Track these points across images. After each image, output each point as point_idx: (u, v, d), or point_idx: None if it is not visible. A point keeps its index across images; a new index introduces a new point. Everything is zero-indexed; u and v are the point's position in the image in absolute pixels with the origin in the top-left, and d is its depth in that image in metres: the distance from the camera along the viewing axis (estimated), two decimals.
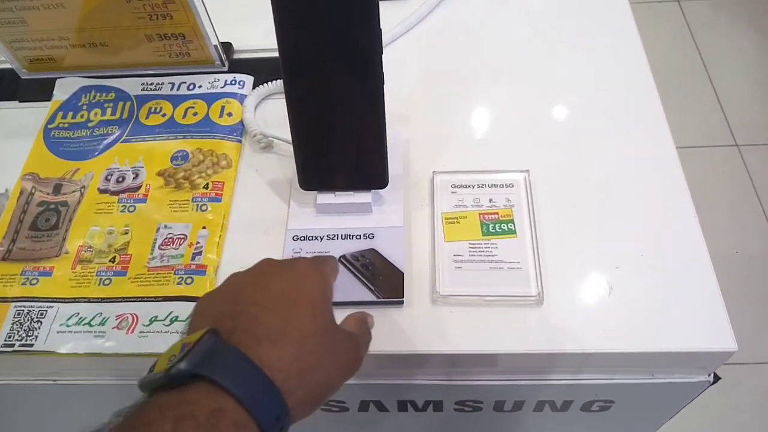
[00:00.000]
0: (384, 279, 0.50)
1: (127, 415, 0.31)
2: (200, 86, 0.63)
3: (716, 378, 0.52)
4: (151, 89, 0.63)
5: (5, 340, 0.48)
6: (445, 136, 0.60)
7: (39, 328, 0.49)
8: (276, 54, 0.47)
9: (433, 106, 0.63)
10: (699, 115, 1.75)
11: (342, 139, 0.51)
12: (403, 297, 0.50)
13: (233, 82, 0.63)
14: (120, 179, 0.57)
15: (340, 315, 0.49)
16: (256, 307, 0.35)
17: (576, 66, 0.65)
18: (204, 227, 0.54)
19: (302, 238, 0.53)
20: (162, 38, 0.61)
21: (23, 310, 0.50)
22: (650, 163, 0.57)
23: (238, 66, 0.65)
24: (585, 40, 0.67)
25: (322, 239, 0.53)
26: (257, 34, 0.67)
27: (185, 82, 0.63)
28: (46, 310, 0.50)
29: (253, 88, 0.63)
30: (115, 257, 0.53)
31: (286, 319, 0.35)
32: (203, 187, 0.56)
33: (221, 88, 0.62)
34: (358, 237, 0.53)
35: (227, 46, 0.66)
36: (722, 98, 1.78)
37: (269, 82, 0.62)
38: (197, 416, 0.29)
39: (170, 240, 0.53)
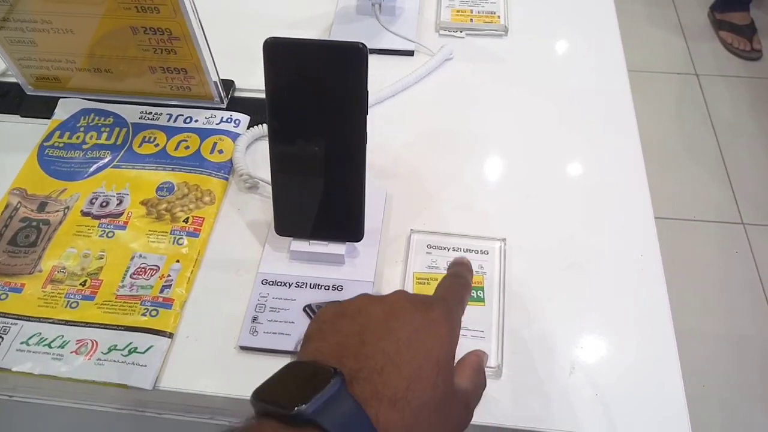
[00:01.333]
0: None
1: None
2: (196, 120, 0.64)
3: None
4: (148, 118, 0.64)
5: None
6: (428, 195, 0.61)
7: (0, 344, 0.49)
8: None
9: (419, 165, 0.63)
10: (708, 189, 1.75)
11: (320, 189, 0.52)
12: None
13: (229, 120, 0.64)
14: (104, 204, 0.58)
15: None
16: (383, 357, 0.34)
17: (568, 139, 0.66)
18: (178, 261, 0.54)
19: (271, 283, 0.53)
20: (165, 71, 0.63)
21: None
22: (629, 244, 0.57)
23: (237, 104, 0.67)
24: (580, 114, 0.68)
25: (290, 286, 0.53)
26: (260, 74, 0.68)
27: (182, 115, 0.65)
28: (10, 327, 0.50)
29: (248, 127, 0.64)
30: (86, 281, 0.53)
31: (410, 379, 0.34)
32: (183, 221, 0.57)
33: (216, 124, 0.64)
34: (326, 288, 0.53)
35: (228, 84, 0.68)
36: (732, 175, 1.78)
37: (263, 124, 0.64)
38: None
39: (143, 270, 0.54)
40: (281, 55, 0.47)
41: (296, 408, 0.30)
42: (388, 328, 0.36)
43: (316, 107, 0.48)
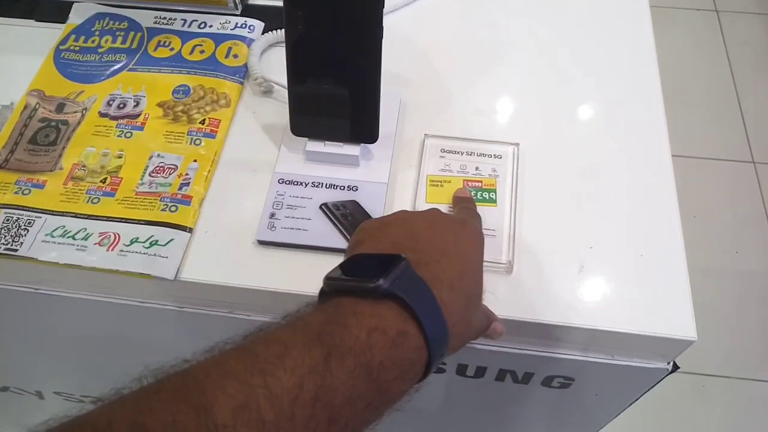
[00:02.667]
0: None
1: (322, 309, 0.34)
2: (211, 26, 0.64)
3: (675, 367, 0.53)
4: (163, 23, 0.64)
5: None
6: (441, 101, 0.61)
7: (25, 235, 0.51)
8: None
9: (434, 72, 0.63)
10: (719, 127, 1.73)
11: (336, 89, 0.52)
12: None
13: (243, 26, 0.64)
14: (121, 105, 0.58)
15: (313, 259, 0.51)
16: (437, 252, 0.37)
17: (584, 54, 0.65)
18: (195, 160, 0.55)
19: (288, 182, 0.54)
20: None
21: (12, 217, 0.52)
22: (642, 157, 0.57)
23: (251, 11, 0.66)
24: (597, 30, 0.67)
25: (306, 185, 0.54)
26: None
27: (197, 20, 0.64)
28: (34, 220, 0.52)
29: (263, 33, 0.64)
30: (106, 178, 0.54)
31: (461, 272, 0.37)
32: (200, 122, 0.57)
33: (231, 30, 0.63)
34: (341, 188, 0.54)
35: None
36: (746, 115, 1.75)
37: (278, 30, 0.63)
38: (388, 332, 0.32)
39: (161, 168, 0.55)
40: None
41: (375, 282, 0.32)
42: (434, 232, 0.39)
43: (333, 4, 0.48)
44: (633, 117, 0.60)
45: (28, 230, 0.51)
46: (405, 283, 0.34)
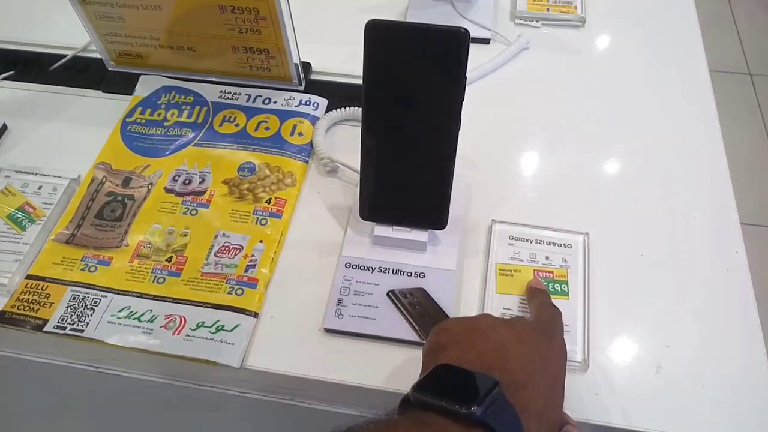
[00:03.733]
0: (430, 321, 0.50)
1: (415, 423, 0.34)
2: (275, 102, 0.64)
3: None
4: (228, 98, 0.65)
5: (58, 322, 0.50)
6: (508, 185, 0.60)
7: (91, 315, 0.50)
8: (352, 80, 0.48)
9: (499, 154, 0.63)
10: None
11: (409, 176, 0.52)
12: None
13: (308, 103, 0.64)
14: (187, 181, 0.59)
15: (380, 350, 0.49)
16: (525, 376, 0.37)
17: (649, 132, 0.64)
18: (261, 241, 0.55)
19: (354, 267, 0.53)
20: (247, 51, 0.63)
21: (78, 296, 0.51)
22: (714, 241, 0.56)
23: (314, 87, 0.67)
24: (661, 107, 0.67)
25: (373, 270, 0.53)
26: (337, 57, 0.69)
27: (261, 96, 0.65)
28: (100, 299, 0.51)
29: (326, 111, 0.64)
30: (171, 257, 0.54)
31: (547, 398, 0.38)
32: (265, 202, 0.57)
33: (295, 106, 0.64)
34: (409, 274, 0.53)
35: (306, 66, 0.67)
36: None
37: (343, 108, 0.63)
38: None
39: (226, 248, 0.54)
40: (382, 37, 0.46)
41: (470, 408, 0.32)
42: (521, 350, 0.39)
43: (413, 91, 0.48)
44: (703, 205, 0.59)
45: (94, 310, 0.51)
46: (498, 411, 0.34)
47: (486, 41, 0.73)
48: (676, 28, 0.75)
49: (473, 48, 0.71)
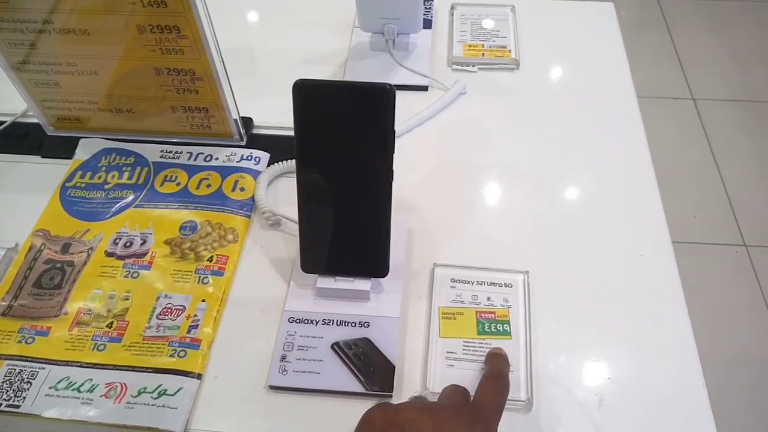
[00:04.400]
0: (375, 370, 0.50)
1: None
2: (217, 158, 0.65)
3: None
4: (169, 157, 0.65)
5: None
6: (449, 228, 0.61)
7: (28, 389, 0.49)
8: (294, 133, 0.49)
9: (440, 198, 0.64)
10: (709, 212, 1.76)
11: (347, 227, 0.52)
12: (392, 391, 0.49)
13: (249, 158, 0.65)
14: (128, 244, 0.58)
15: (326, 404, 0.49)
16: None
17: (584, 167, 0.67)
18: (203, 300, 0.54)
19: (298, 321, 0.53)
20: (186, 110, 0.64)
21: (15, 369, 0.50)
22: (649, 271, 0.58)
23: (255, 141, 0.67)
24: (594, 142, 0.69)
25: (317, 323, 0.53)
26: (278, 111, 0.70)
27: (203, 153, 0.65)
28: (38, 372, 0.50)
29: (268, 165, 0.65)
30: (112, 322, 0.53)
31: None
32: (207, 260, 0.57)
33: (237, 162, 0.64)
34: (353, 324, 0.53)
35: (247, 121, 0.68)
36: (732, 198, 1.79)
37: (284, 161, 0.64)
38: None
39: (169, 310, 0.54)
40: (310, 95, 0.47)
41: None
42: None
43: (344, 146, 0.49)
44: (639, 239, 0.60)
45: (31, 383, 0.50)
46: None
47: (424, 88, 0.75)
48: (605, 63, 0.78)
49: (412, 95, 0.75)
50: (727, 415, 1.35)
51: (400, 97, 0.47)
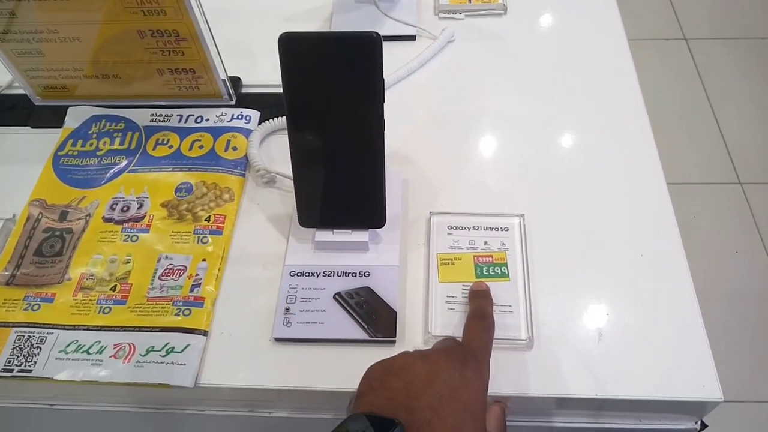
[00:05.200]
0: (377, 318, 0.51)
1: None
2: (207, 119, 0.65)
3: (703, 425, 0.52)
4: (159, 120, 0.65)
5: (5, 365, 0.49)
6: (443, 177, 0.62)
7: (38, 354, 0.50)
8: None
9: (433, 147, 0.64)
10: (703, 152, 1.77)
11: (342, 180, 0.52)
12: (395, 336, 0.50)
13: (240, 117, 0.65)
14: (125, 209, 0.58)
15: (332, 352, 0.50)
16: (430, 411, 0.39)
17: (575, 111, 0.67)
18: (204, 259, 0.55)
19: (299, 274, 0.54)
20: (173, 72, 0.63)
21: (24, 336, 0.51)
22: (645, 215, 0.58)
23: (245, 100, 0.67)
24: (584, 86, 0.69)
25: (318, 276, 0.54)
26: (265, 69, 0.69)
27: (193, 115, 0.65)
28: (46, 337, 0.51)
29: (259, 123, 0.65)
30: (115, 286, 0.54)
31: (454, 430, 0.39)
32: (205, 220, 0.57)
33: (228, 122, 0.64)
34: (354, 275, 0.54)
35: (236, 81, 0.68)
36: (727, 137, 1.79)
37: (275, 118, 0.64)
38: None
39: (170, 271, 0.54)
40: (296, 49, 0.47)
41: None
42: (429, 386, 0.40)
43: (334, 98, 0.49)
44: (632, 174, 0.61)
45: (40, 348, 0.50)
46: None
47: (412, 38, 0.74)
48: (594, 5, 0.77)
49: (401, 45, 0.74)
50: (724, 347, 1.38)
51: (388, 48, 0.47)
